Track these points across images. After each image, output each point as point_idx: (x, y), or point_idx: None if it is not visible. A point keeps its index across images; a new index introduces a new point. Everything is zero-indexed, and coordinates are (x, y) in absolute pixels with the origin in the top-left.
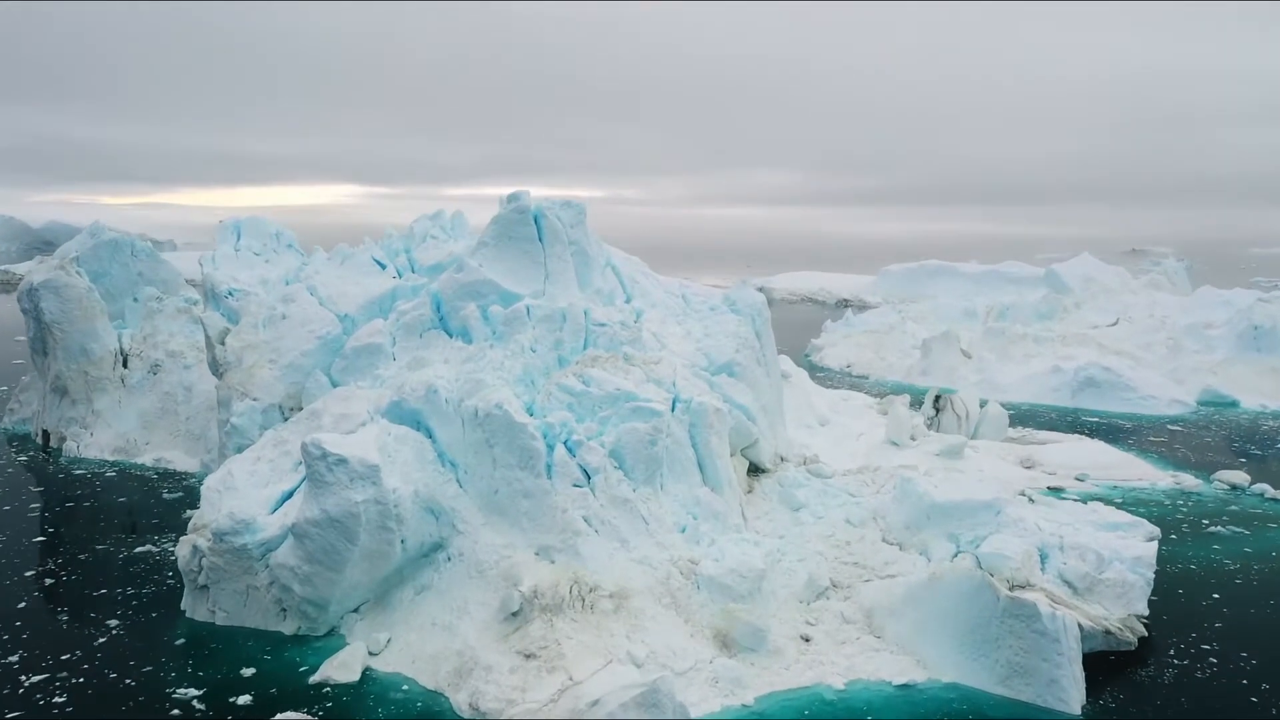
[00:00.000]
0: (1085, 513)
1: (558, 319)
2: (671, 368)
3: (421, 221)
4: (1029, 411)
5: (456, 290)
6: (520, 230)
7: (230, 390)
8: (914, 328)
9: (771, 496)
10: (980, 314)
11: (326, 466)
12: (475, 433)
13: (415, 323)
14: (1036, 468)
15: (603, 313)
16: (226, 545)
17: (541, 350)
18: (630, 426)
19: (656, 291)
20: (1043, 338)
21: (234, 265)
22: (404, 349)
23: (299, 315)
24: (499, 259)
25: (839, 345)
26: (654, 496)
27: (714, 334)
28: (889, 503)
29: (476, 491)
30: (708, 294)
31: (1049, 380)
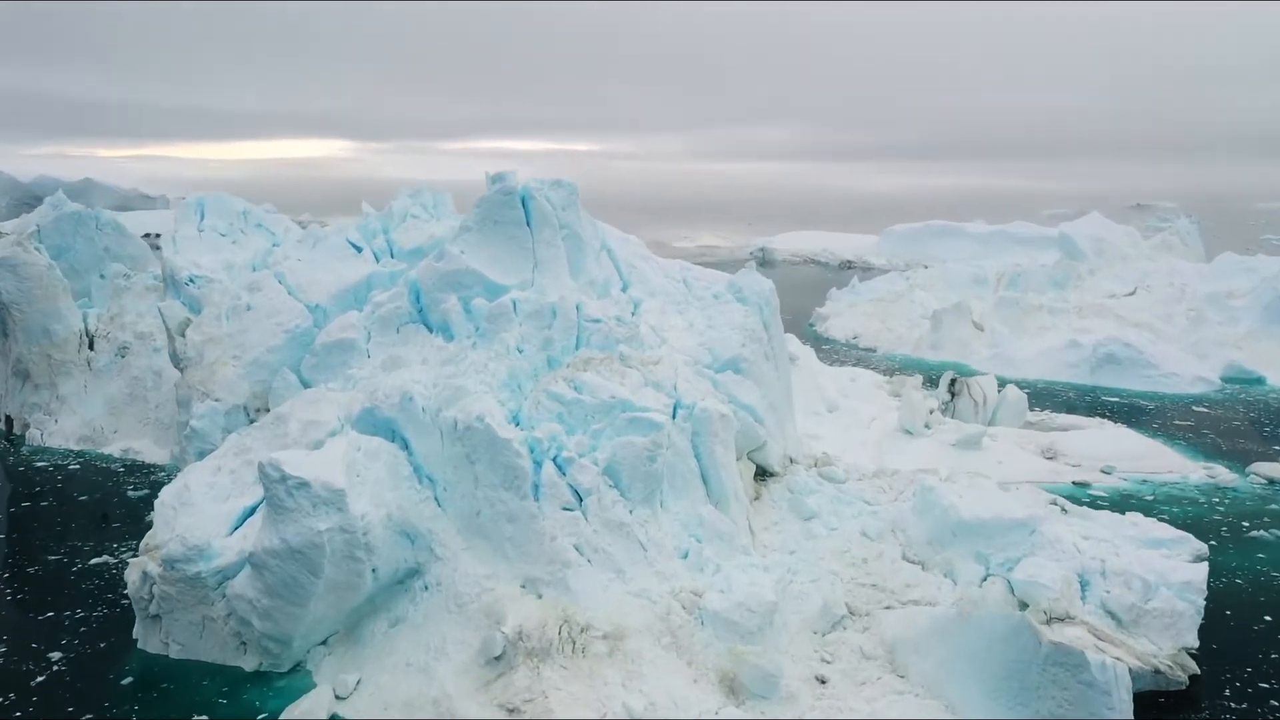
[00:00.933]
0: (1125, 526)
1: (547, 314)
2: (672, 368)
3: (401, 200)
4: (1046, 390)
5: (436, 280)
6: (506, 214)
7: (190, 389)
8: (922, 296)
9: (781, 504)
10: (991, 281)
11: (286, 490)
12: (455, 447)
13: (391, 316)
14: (1059, 458)
15: (597, 306)
16: (178, 574)
17: (529, 350)
18: (627, 441)
19: (656, 277)
20: (1058, 309)
21: (196, 248)
22: (379, 345)
23: (266, 306)
24: (483, 245)
25: (844, 315)
26: (653, 518)
27: (718, 325)
28: (908, 513)
29: (456, 512)
30: (711, 278)
31: (1066, 356)
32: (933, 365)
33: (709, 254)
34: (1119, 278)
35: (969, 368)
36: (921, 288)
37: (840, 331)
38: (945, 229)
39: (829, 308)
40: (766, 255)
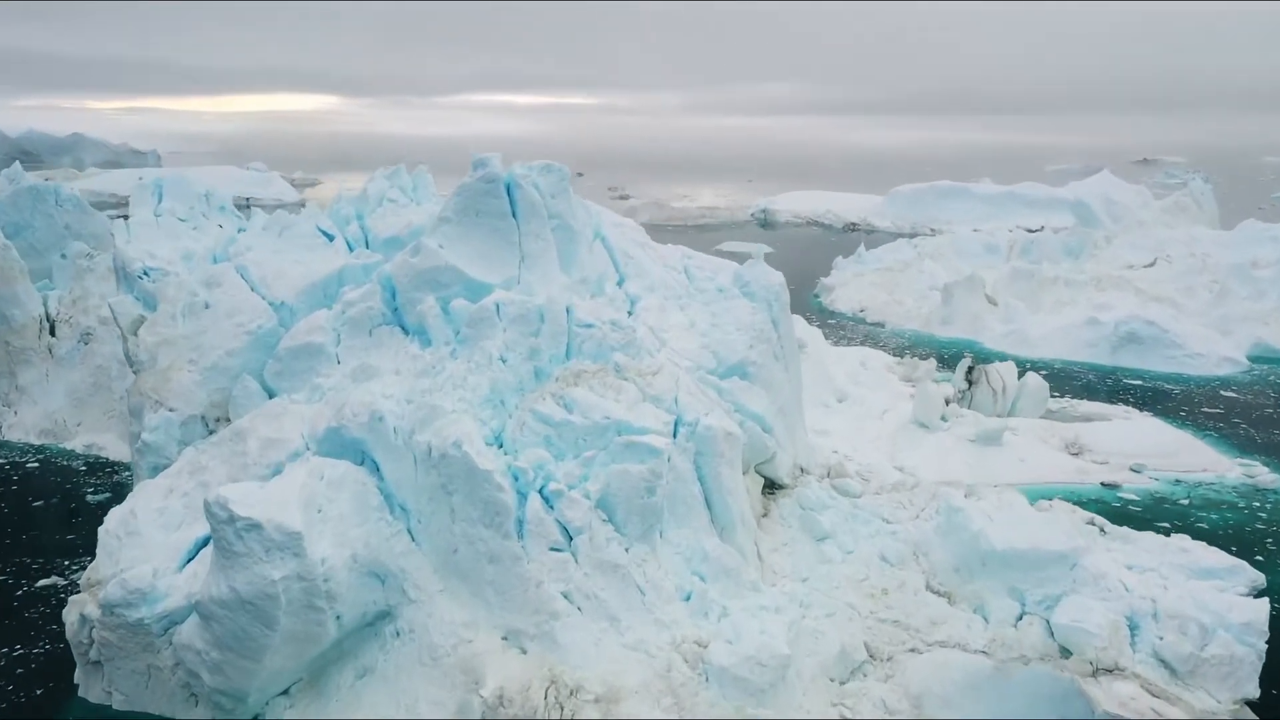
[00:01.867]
0: (1171, 552)
1: (534, 319)
2: (673, 378)
3: (377, 181)
4: (1064, 371)
5: (412, 278)
6: (489, 204)
7: (142, 397)
8: (931, 266)
9: (791, 522)
10: (1003, 249)
11: (235, 533)
12: (430, 475)
13: (363, 317)
14: (1084, 454)
15: (589, 308)
16: (118, 619)
17: (514, 360)
18: (622, 469)
19: (655, 268)
20: (1075, 281)
21: (152, 236)
22: (350, 349)
23: (226, 303)
24: (464, 239)
25: (850, 285)
26: (651, 555)
27: (723, 324)
28: (932, 534)
29: (432, 547)
30: (714, 267)
31: (1085, 334)
32: (944, 342)
33: (709, 216)
34: (1137, 246)
35: (982, 345)
36: (931, 256)
37: (846, 304)
38: (952, 190)
39: (834, 277)
40: (768, 216)
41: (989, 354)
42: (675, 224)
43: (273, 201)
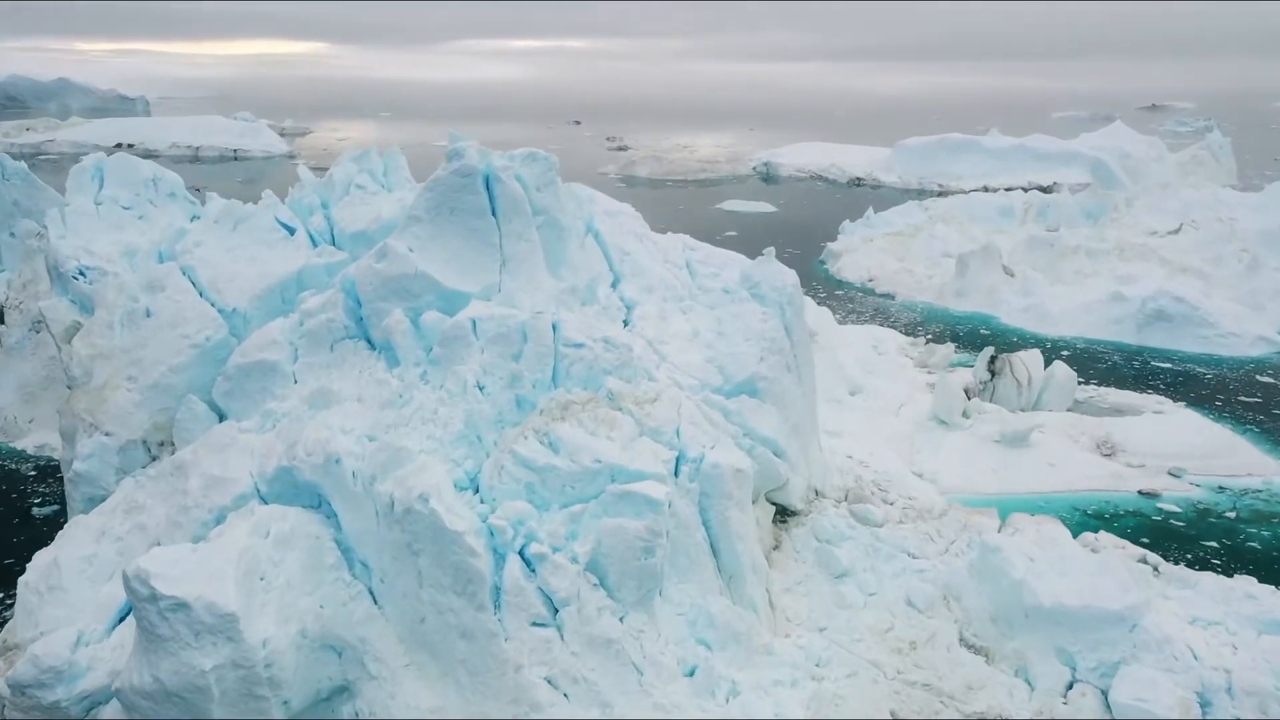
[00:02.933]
0: (1237, 599)
1: (515, 338)
2: (674, 405)
3: (343, 165)
4: (1087, 352)
5: (378, 287)
6: (465, 200)
7: (75, 419)
8: (943, 231)
9: (806, 557)
10: (1018, 212)
11: (159, 614)
12: (393, 530)
13: (323, 330)
14: (1117, 454)
15: (578, 324)
16: (31, 701)
17: (492, 387)
18: (616, 525)
19: (654, 265)
20: (1096, 251)
21: (91, 227)
22: (308, 367)
23: (169, 311)
24: (437, 240)
25: (858, 252)
26: (649, 624)
27: (730, 333)
28: (965, 575)
29: (397, 613)
30: (720, 260)
31: (1110, 310)
32: (958, 317)
33: (709, 169)
34: (1159, 210)
35: (998, 320)
36: (942, 220)
37: (854, 272)
38: (961, 144)
39: (841, 243)
40: (770, 170)
41: (1006, 330)
42: (675, 178)
43: (261, 153)
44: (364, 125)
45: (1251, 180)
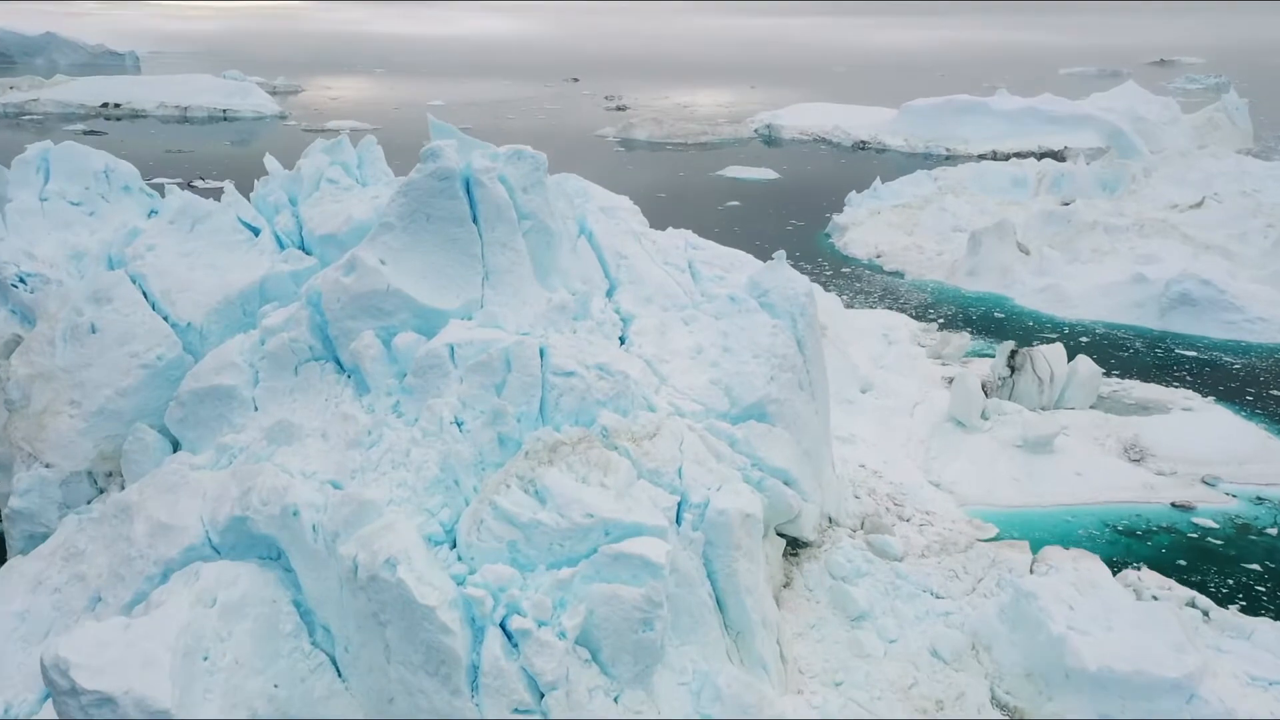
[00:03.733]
0: None
1: (498, 366)
2: (675, 440)
3: (313, 156)
4: (1107, 337)
5: (346, 304)
6: (443, 206)
7: (13, 447)
8: (953, 203)
9: (819, 595)
10: (1031, 182)
11: (80, 709)
12: (358, 597)
13: (286, 351)
14: (1146, 459)
15: (569, 347)
16: None
17: (472, 423)
18: (610, 593)
19: (653, 269)
20: (1115, 227)
21: (35, 227)
22: (270, 392)
23: (118, 326)
24: (412, 251)
25: (865, 225)
26: (648, 702)
27: (737, 349)
28: (995, 621)
29: (363, 688)
30: (726, 261)
31: (1131, 293)
32: (971, 298)
33: (710, 132)
34: (1180, 181)
35: (1013, 302)
36: (952, 191)
37: (861, 247)
38: (968, 105)
39: (847, 215)
40: (772, 133)
41: (1021, 313)
42: (675, 142)
43: (251, 113)
44: (357, 82)
45: (1268, 143)
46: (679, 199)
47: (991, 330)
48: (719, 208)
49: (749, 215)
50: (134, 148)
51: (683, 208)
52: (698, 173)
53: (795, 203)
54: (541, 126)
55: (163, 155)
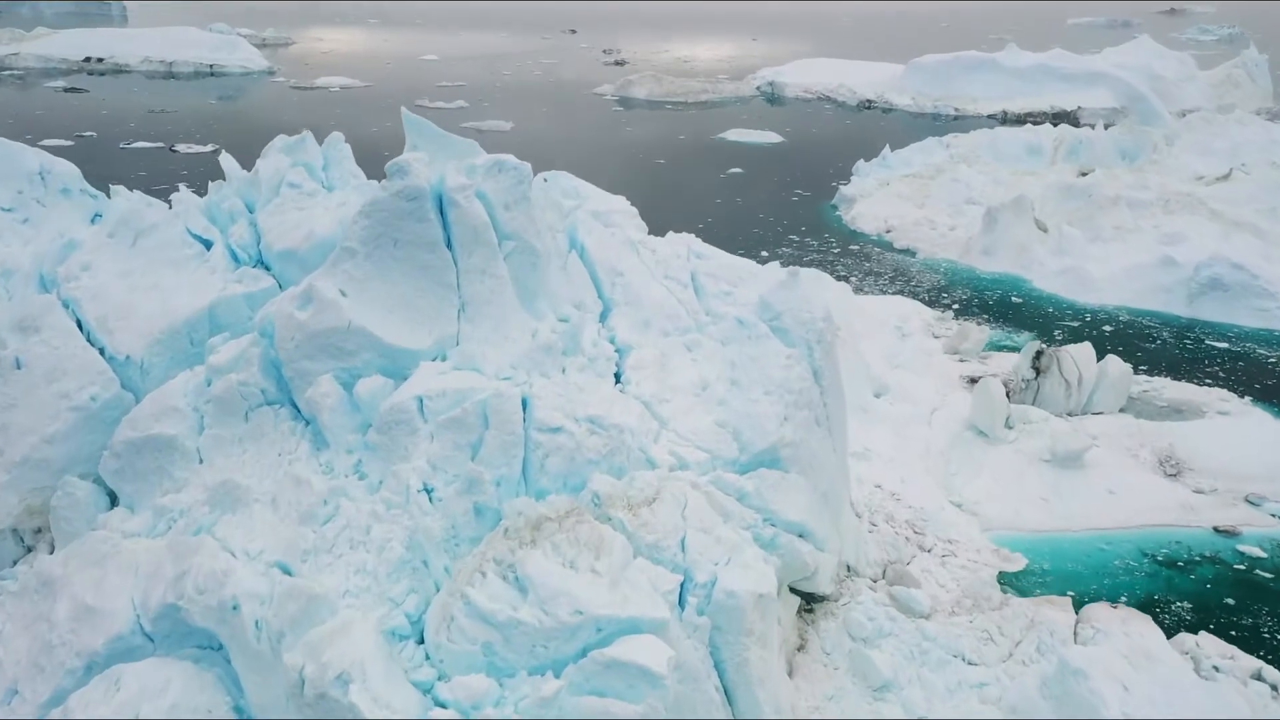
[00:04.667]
0: None
1: (474, 422)
2: (678, 505)
3: (271, 156)
4: (1132, 325)
5: (301, 342)
6: (413, 230)
7: None
8: (966, 173)
9: (837, 660)
10: (1047, 150)
11: None
12: (305, 714)
13: (234, 396)
14: (1184, 474)
15: (556, 396)
16: None
17: (444, 491)
18: (601, 708)
19: (652, 286)
20: (1138, 202)
21: None
22: (216, 442)
23: (46, 360)
24: (377, 281)
25: (874, 197)
26: None
27: (746, 383)
28: (1037, 697)
29: None
30: (734, 273)
31: (1157, 276)
32: (986, 280)
33: (711, 90)
34: (1204, 150)
35: (1030, 285)
36: (965, 160)
37: (870, 221)
38: (977, 62)
39: (855, 186)
40: (775, 91)
41: (1040, 298)
42: (675, 100)
43: (239, 69)
44: (350, 34)
45: None
46: (679, 166)
47: (1009, 318)
48: (721, 175)
49: (752, 184)
50: (116, 106)
51: (683, 175)
52: (698, 136)
53: (800, 170)
54: (537, 84)
55: (145, 116)
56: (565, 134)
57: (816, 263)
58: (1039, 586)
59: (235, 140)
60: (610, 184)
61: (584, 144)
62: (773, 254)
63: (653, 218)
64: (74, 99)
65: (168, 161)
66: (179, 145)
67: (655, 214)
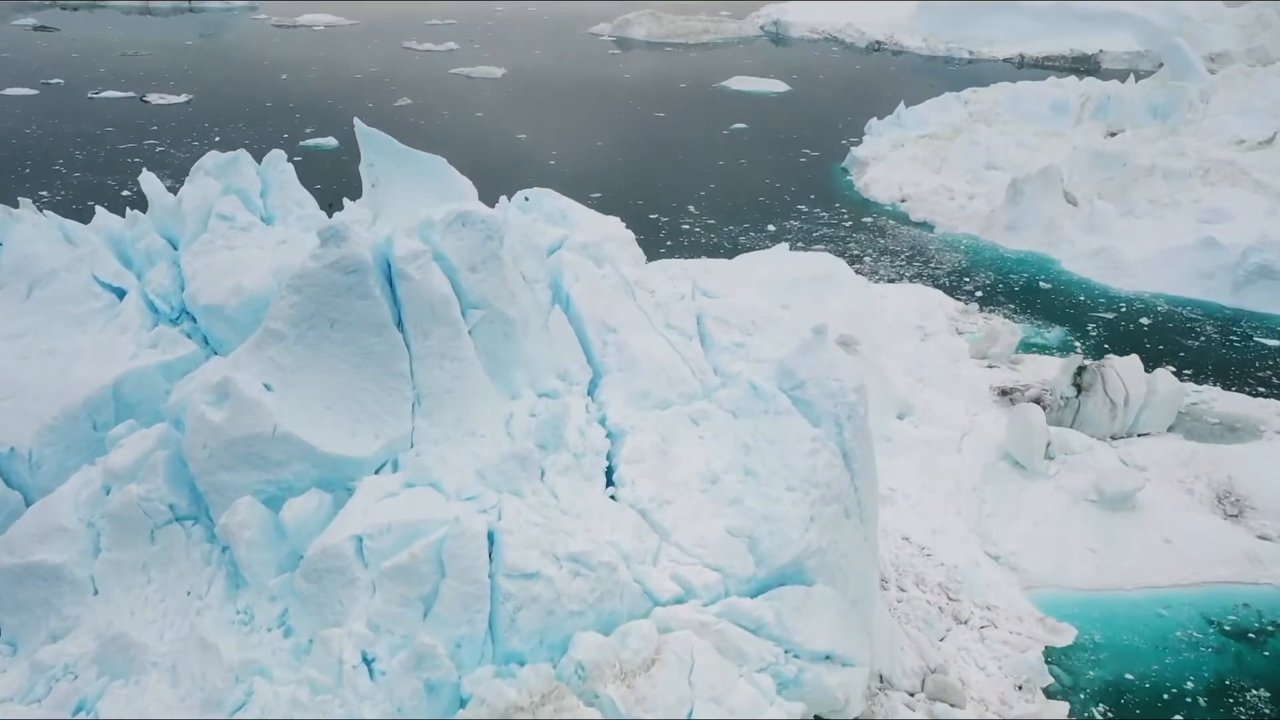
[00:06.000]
0: None
1: (427, 570)
2: (682, 667)
3: (198, 181)
4: (1171, 316)
5: (215, 452)
6: (353, 308)
7: None
8: (986, 135)
9: None
10: (1073, 107)
11: None
12: None
13: (135, 513)
14: (1245, 513)
15: (530, 528)
16: None
17: (387, 663)
18: None
19: (650, 341)
20: (1174, 171)
21: None
22: (113, 569)
23: None
24: (311, 371)
25: (887, 160)
26: None
27: (763, 473)
28: None
29: None
30: (746, 319)
31: (1199, 260)
32: (1010, 260)
33: (713, 30)
34: (1244, 108)
35: (1059, 267)
36: (984, 119)
37: (884, 189)
38: (994, 4)
39: (867, 147)
40: (780, 31)
41: (1069, 282)
42: (675, 41)
43: (219, 5)
44: None
45: None
46: (680, 122)
47: (1037, 307)
48: (724, 132)
49: (757, 144)
50: (87, 48)
51: (684, 132)
52: (699, 83)
53: (807, 125)
54: (531, 22)
55: (117, 60)
56: (560, 83)
57: (828, 238)
58: (1092, 665)
59: (211, 90)
60: (608, 144)
61: (579, 95)
62: (780, 228)
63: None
64: (44, 39)
65: (138, 114)
66: (151, 95)
67: (655, 181)
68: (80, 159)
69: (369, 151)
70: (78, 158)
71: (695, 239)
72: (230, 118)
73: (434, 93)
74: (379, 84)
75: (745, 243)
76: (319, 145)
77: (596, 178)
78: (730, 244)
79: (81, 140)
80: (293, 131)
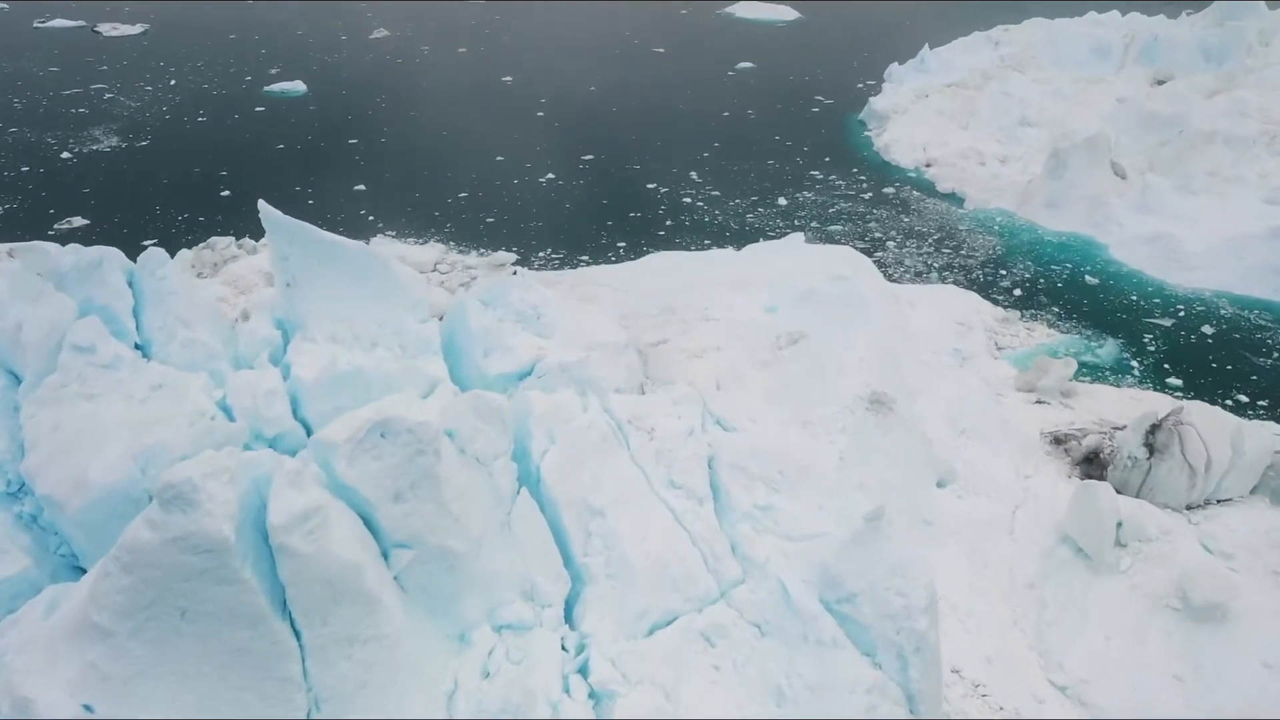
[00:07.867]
0: None
1: None
2: None
3: (47, 298)
4: (1238, 324)
5: None
6: (209, 595)
7: None
8: (1019, 83)
9: None
10: (1116, 51)
11: None
12: None
13: None
14: None
15: None
16: None
17: None
18: None
19: (649, 520)
20: (1236, 137)
21: None
22: None
23: None
24: (155, 677)
25: (910, 114)
26: None
27: None
28: None
29: None
30: (773, 465)
31: (1268, 253)
32: (1051, 245)
33: None
34: None
35: (1107, 255)
36: (1018, 65)
37: (906, 150)
38: None
39: (887, 97)
40: None
41: (1119, 275)
42: None
43: None
44: None
45: None
46: (681, 59)
47: (1084, 310)
48: (729, 74)
49: (765, 87)
50: None
51: (686, 73)
52: (703, 10)
53: (821, 64)
54: None
55: None
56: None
57: (846, 216)
58: None
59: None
60: (602, 89)
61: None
62: (793, 202)
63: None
64: None
65: (87, 48)
66: (103, 25)
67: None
68: (19, 110)
69: (280, 243)
70: (16, 108)
71: (698, 217)
72: (188, 55)
73: (414, 23)
74: (354, 12)
75: (754, 221)
76: (285, 91)
77: (589, 135)
78: (737, 223)
79: (22, 84)
80: (256, 73)
